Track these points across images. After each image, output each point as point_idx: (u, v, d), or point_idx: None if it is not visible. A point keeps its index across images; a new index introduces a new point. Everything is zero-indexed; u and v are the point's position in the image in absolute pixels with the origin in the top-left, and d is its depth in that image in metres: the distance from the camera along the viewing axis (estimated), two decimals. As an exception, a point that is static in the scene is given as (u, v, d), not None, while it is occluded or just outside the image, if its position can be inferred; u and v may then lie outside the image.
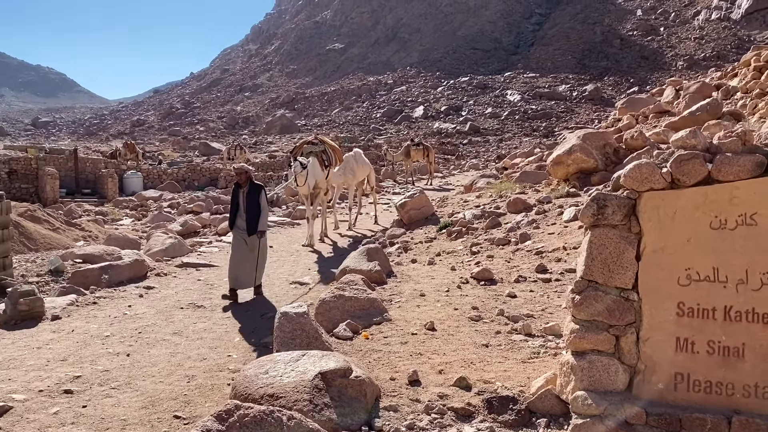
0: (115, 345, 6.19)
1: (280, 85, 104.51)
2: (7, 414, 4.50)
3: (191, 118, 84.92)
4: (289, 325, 4.69)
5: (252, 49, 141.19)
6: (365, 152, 43.67)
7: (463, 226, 10.17)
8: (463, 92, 73.94)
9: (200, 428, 2.76)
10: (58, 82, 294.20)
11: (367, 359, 4.70)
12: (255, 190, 8.16)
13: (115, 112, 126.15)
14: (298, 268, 10.12)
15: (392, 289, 7.02)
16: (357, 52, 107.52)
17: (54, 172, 23.05)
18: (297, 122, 70.24)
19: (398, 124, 64.69)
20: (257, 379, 3.65)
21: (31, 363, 5.69)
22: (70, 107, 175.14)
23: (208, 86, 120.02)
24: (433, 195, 16.18)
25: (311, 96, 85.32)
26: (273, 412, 2.86)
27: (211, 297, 8.21)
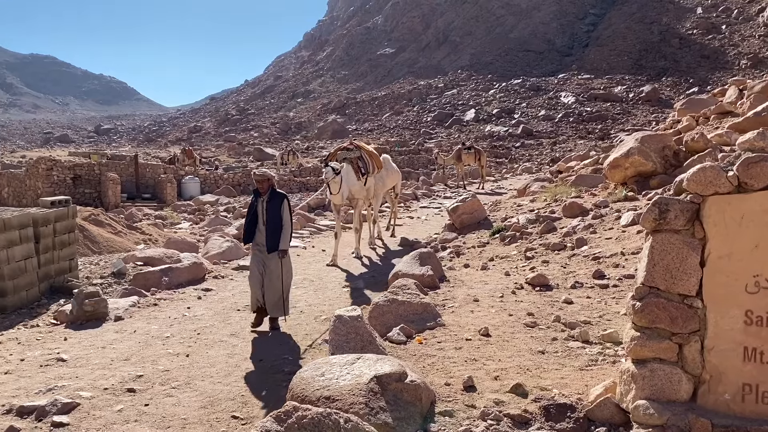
0: (175, 345, 6.37)
1: (331, 91, 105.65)
2: (75, 410, 4.69)
3: (246, 124, 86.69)
4: (344, 328, 4.73)
5: (304, 56, 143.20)
6: (415, 156, 43.80)
7: (517, 231, 10.05)
8: (516, 95, 73.12)
9: (259, 428, 2.82)
10: (119, 91, 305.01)
11: (422, 364, 4.70)
12: (277, 199, 6.94)
13: (173, 119, 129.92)
14: (350, 271, 10.19)
15: (445, 294, 6.99)
16: (407, 57, 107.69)
17: (116, 177, 23.89)
18: (348, 127, 70.81)
19: (449, 128, 64.47)
20: (313, 381, 3.69)
21: (96, 362, 5.92)
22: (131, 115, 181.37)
23: (261, 93, 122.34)
24: (486, 199, 16.04)
25: (362, 101, 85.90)
26: (330, 415, 2.89)
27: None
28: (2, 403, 4.85)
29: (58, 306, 8.26)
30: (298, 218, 16.22)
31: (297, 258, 11.65)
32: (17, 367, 5.85)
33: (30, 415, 4.60)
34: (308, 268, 10.62)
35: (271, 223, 6.84)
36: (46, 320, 7.73)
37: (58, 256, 9.39)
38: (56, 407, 4.67)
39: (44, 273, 9.08)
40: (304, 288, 8.98)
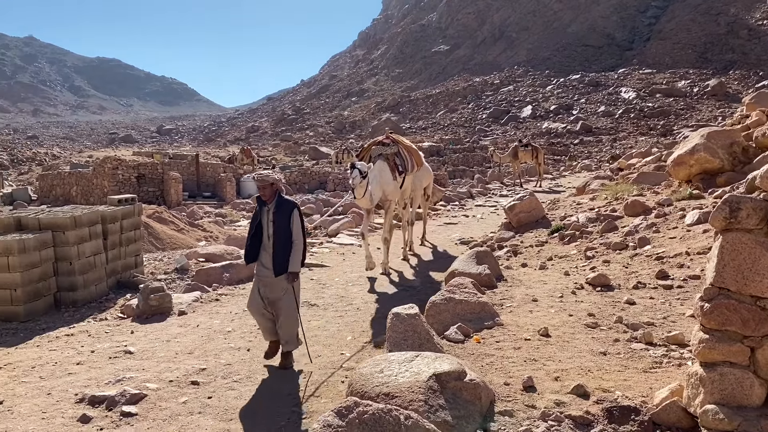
0: (236, 340, 6.53)
1: (385, 89, 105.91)
2: (143, 401, 4.87)
3: (301, 124, 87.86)
4: (401, 326, 4.74)
5: (359, 55, 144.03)
6: (470, 154, 43.44)
7: (577, 230, 9.84)
8: (574, 90, 71.59)
9: (321, 423, 2.86)
10: (180, 92, 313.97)
11: (480, 363, 4.67)
12: (285, 209, 5.64)
13: (232, 119, 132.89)
14: (404, 269, 10.21)
15: (503, 294, 6.92)
16: (463, 53, 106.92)
17: (177, 176, 24.63)
18: (402, 125, 70.83)
19: (505, 125, 63.67)
20: (372, 377, 3.72)
21: (161, 355, 6.13)
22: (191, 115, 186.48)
23: (317, 92, 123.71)
24: (543, 197, 15.78)
25: (416, 99, 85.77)
26: (391, 411, 2.91)
27: (323, 296, 8.46)
28: (75, 392, 5.09)
29: (125, 300, 8.59)
30: (353, 216, 16.35)
31: (352, 256, 11.78)
32: (88, 358, 6.11)
33: (101, 404, 4.81)
34: (364, 264, 10.68)
35: (279, 239, 5.59)
36: (114, 314, 8.05)
37: (125, 252, 9.76)
38: (125, 398, 4.86)
39: (112, 268, 9.46)
40: (360, 285, 9.05)
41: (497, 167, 33.17)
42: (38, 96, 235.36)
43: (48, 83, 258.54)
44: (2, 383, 5.44)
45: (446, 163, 40.52)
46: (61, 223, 8.46)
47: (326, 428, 2.83)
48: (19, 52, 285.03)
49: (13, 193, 30.35)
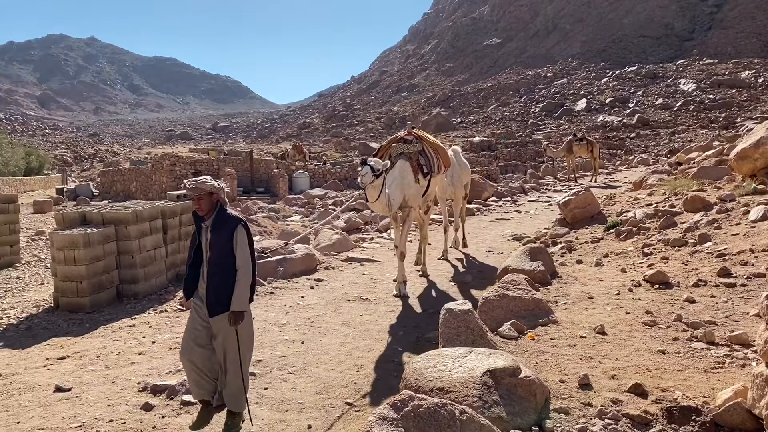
0: (290, 332, 6.65)
1: (436, 84, 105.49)
2: (202, 391, 5.01)
3: (352, 120, 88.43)
4: (454, 322, 4.74)
5: (409, 50, 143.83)
6: (523, 149, 42.86)
7: (634, 226, 9.61)
8: (630, 83, 69.73)
9: (377, 416, 2.90)
10: (234, 90, 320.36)
11: (534, 360, 4.63)
12: (226, 226, 4.27)
13: (284, 116, 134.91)
14: (456, 265, 10.18)
15: (557, 291, 6.83)
16: (515, 46, 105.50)
17: (233, 172, 25.16)
18: (452, 120, 70.44)
19: (558, 119, 62.54)
20: (426, 372, 3.74)
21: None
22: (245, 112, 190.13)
23: (367, 88, 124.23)
24: (599, 192, 15.45)
25: (467, 93, 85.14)
26: (446, 405, 2.92)
27: (375, 291, 8.52)
28: (138, 381, 5.28)
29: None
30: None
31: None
32: (150, 348, 6.33)
33: (162, 393, 4.98)
34: (414, 260, 10.70)
35: (216, 267, 4.22)
36: (173, 306, 8.30)
37: (183, 246, 10.05)
38: (185, 387, 5.00)
39: (171, 262, 9.76)
40: (412, 281, 9.07)
41: (551, 162, 32.64)
42: (99, 95, 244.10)
43: (108, 82, 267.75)
44: (70, 371, 5.69)
45: (498, 157, 40.11)
46: (123, 217, 8.77)
47: (382, 421, 2.86)
48: (81, 53, 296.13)
49: (77, 189, 31.62)
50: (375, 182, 7.28)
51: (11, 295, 9.48)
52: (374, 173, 7.23)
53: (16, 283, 10.36)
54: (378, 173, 7.26)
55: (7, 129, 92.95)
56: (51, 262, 8.87)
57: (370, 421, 2.90)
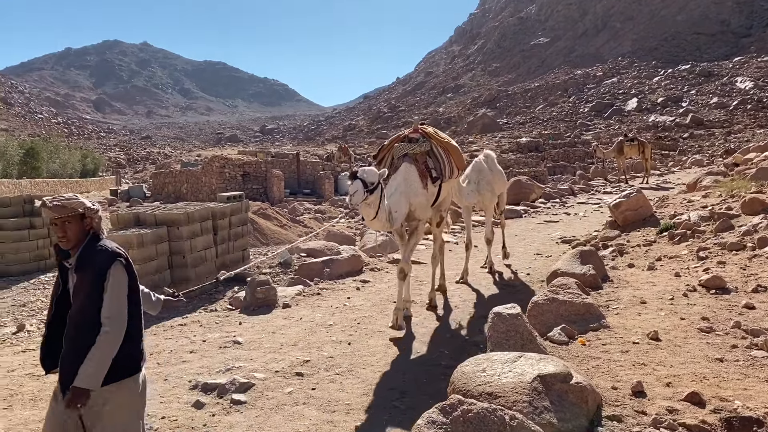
0: (337, 333, 6.69)
1: (482, 84, 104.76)
2: (251, 390, 5.08)
3: (396, 121, 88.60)
4: (503, 326, 4.68)
5: (455, 50, 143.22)
6: (571, 149, 42.08)
7: (688, 229, 9.32)
8: (684, 81, 67.78)
9: (425, 419, 2.88)
10: (281, 93, 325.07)
11: (585, 366, 4.53)
12: (92, 264, 3.00)
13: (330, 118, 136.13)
14: (502, 269, 10.05)
15: (608, 295, 6.67)
16: (563, 46, 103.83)
17: (280, 174, 25.51)
18: (498, 121, 69.79)
19: (608, 119, 61.27)
20: (475, 376, 3.70)
21: (267, 346, 6.37)
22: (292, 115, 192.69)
23: (412, 90, 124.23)
24: (651, 194, 15.05)
25: (514, 93, 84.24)
26: (496, 411, 2.88)
27: (421, 293, 8.48)
28: (189, 379, 5.39)
29: (233, 293, 8.99)
30: (449, 213, 16.28)
31: (449, 254, 11.71)
32: (200, 347, 6.46)
33: (213, 391, 5.07)
34: (461, 264, 10.62)
35: (77, 323, 2.99)
36: (223, 305, 8.45)
37: (233, 246, 10.24)
38: (234, 386, 5.09)
39: (221, 262, 9.94)
40: (458, 284, 9.01)
41: (600, 163, 31.95)
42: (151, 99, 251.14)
43: (160, 86, 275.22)
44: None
45: (545, 158, 39.54)
46: (175, 218, 8.99)
47: (430, 424, 2.84)
48: (134, 58, 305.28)
49: (130, 190, 32.56)
50: (369, 199, 5.87)
51: (69, 293, 9.79)
52: (367, 189, 5.81)
53: (74, 282, 10.70)
54: (372, 187, 5.86)
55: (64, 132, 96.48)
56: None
57: (419, 424, 2.89)
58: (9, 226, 11.63)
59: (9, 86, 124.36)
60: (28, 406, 4.98)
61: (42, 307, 8.94)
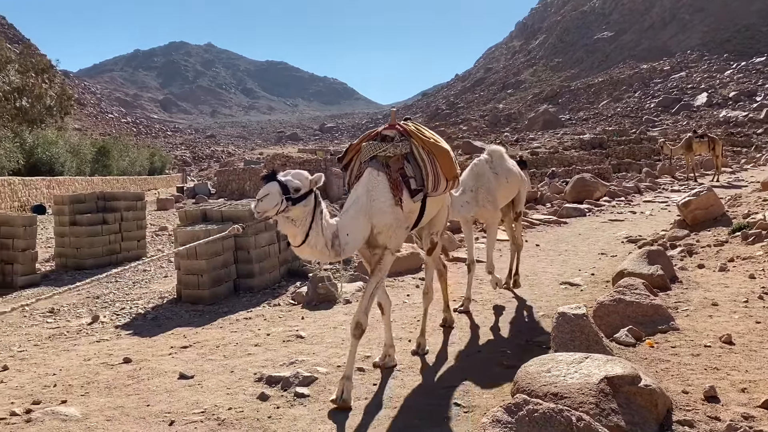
0: (397, 330, 6.70)
1: (543, 80, 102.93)
2: (314, 384, 5.17)
3: (455, 118, 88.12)
4: (567, 326, 4.60)
5: (516, 46, 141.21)
6: (636, 146, 40.84)
7: (763, 229, 8.91)
8: (758, 75, 64.80)
9: (490, 418, 2.87)
10: (340, 91, 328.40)
11: (654, 369, 4.41)
12: None
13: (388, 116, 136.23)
14: (567, 269, 9.87)
15: (677, 296, 6.46)
16: (628, 39, 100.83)
17: (339, 172, 25.78)
18: (561, 117, 68.41)
19: (675, 114, 59.20)
20: (539, 376, 3.66)
21: (329, 341, 6.46)
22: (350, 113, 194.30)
23: (471, 86, 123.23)
24: (722, 193, 14.46)
25: (576, 89, 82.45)
26: (562, 411, 2.84)
27: (481, 292, 8.43)
28: (254, 372, 5.52)
29: (295, 288, 9.17)
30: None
31: (509, 252, 11.59)
32: (264, 340, 6.61)
33: (277, 384, 5.17)
34: (522, 262, 10.47)
35: None
36: (286, 300, 8.62)
37: (295, 242, 10.41)
38: (298, 379, 5.19)
39: (283, 258, 10.13)
40: (522, 281, 8.90)
41: (668, 160, 30.89)
42: (215, 98, 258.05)
43: (224, 86, 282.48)
44: (192, 359, 6.05)
45: (610, 156, 38.53)
46: (240, 215, 9.22)
47: (495, 423, 2.83)
48: (199, 59, 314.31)
49: (195, 188, 33.59)
50: (293, 212, 4.26)
51: (139, 287, 10.20)
52: (288, 196, 4.20)
53: (143, 276, 11.14)
54: (297, 196, 4.24)
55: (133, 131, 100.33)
56: (174, 256, 9.47)
57: (483, 423, 2.88)
58: (83, 221, 12.18)
59: (82, 87, 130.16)
60: (104, 393, 5.20)
61: (114, 299, 9.34)
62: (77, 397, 5.11)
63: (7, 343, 7.18)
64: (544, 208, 19.37)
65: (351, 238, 4.72)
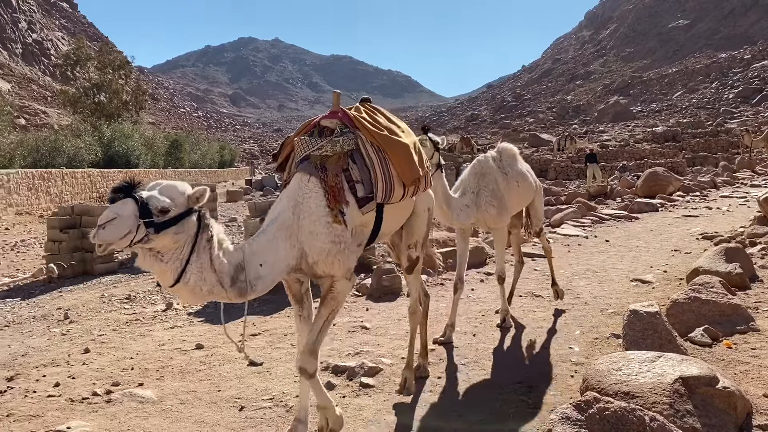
0: (461, 324, 6.68)
1: (614, 71, 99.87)
2: (378, 375, 5.22)
3: (521, 110, 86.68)
4: (639, 324, 4.48)
5: (585, 36, 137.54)
6: (713, 139, 39.10)
7: None
8: None
9: (559, 414, 2.82)
10: (404, 84, 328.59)
11: (732, 370, 4.23)
12: None
13: (452, 108, 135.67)
14: (638, 265, 9.57)
15: (758, 296, 6.16)
16: (705, 27, 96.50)
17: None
18: (632, 108, 66.24)
19: (756, 105, 56.30)
20: (610, 374, 3.57)
21: (393, 332, 6.50)
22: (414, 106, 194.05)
23: (538, 77, 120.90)
24: (807, 188, 13.68)
25: (649, 79, 79.61)
26: (635, 410, 2.77)
27: (548, 288, 8.27)
28: (321, 361, 5.58)
29: (359, 280, 9.25)
30: (579, 206, 15.76)
31: (578, 248, 11.36)
32: (331, 330, 6.70)
33: (342, 374, 5.25)
34: (591, 258, 10.27)
35: None
36: (351, 292, 8.72)
37: (360, 235, 10.50)
38: (363, 370, 5.25)
39: (348, 250, 10.24)
40: (588, 279, 8.70)
41: (747, 153, 29.43)
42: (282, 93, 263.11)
43: (290, 81, 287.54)
44: (261, 347, 6.21)
45: (684, 149, 37.05)
46: (307, 207, 9.37)
47: (565, 420, 2.79)
48: (267, 54, 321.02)
49: (263, 180, 34.39)
50: (157, 241, 3.07)
51: (210, 275, 10.52)
52: (148, 220, 3.00)
53: (215, 265, 11.48)
54: (164, 219, 3.06)
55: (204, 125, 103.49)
56: (244, 247, 9.72)
57: (552, 419, 2.84)
58: (158, 212, 12.66)
59: (156, 83, 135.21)
60: (177, 378, 5.42)
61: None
62: (153, 381, 5.34)
63: (89, 327, 7.58)
64: (614, 202, 18.88)
65: (267, 270, 3.50)
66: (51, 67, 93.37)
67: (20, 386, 5.25)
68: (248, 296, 3.46)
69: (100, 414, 4.61)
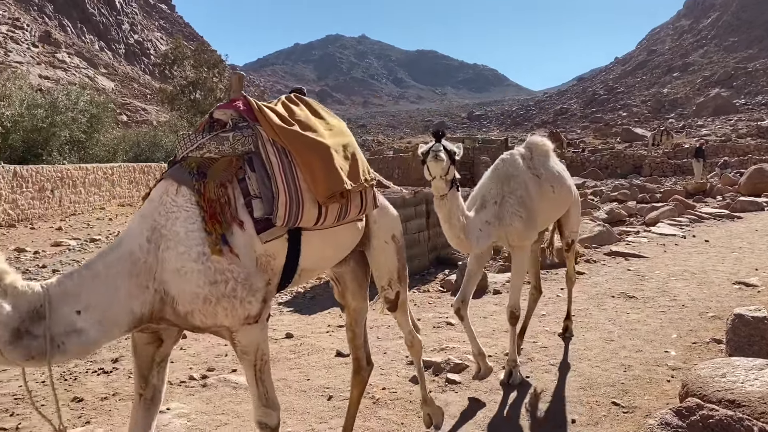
0: (551, 324, 6.54)
1: (715, 62, 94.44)
2: (464, 371, 5.20)
3: (613, 104, 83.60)
4: (745, 329, 4.23)
5: (684, 25, 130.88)
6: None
7: None
8: None
9: (659, 420, 2.71)
10: (490, 78, 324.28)
11: None
12: None
13: (540, 102, 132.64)
14: (741, 267, 9.02)
15: None
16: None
17: (488, 160, 25.47)
18: (735, 102, 62.41)
19: None
20: (713, 381, 3.39)
21: (479, 330, 6.41)
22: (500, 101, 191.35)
23: (632, 70, 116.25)
24: None
25: (754, 71, 74.75)
26: (742, 420, 2.61)
27: (643, 289, 7.95)
28: (406, 354, 5.62)
29: (444, 275, 9.23)
30: (675, 204, 15.06)
31: (675, 248, 10.86)
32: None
33: (428, 369, 5.25)
34: (689, 259, 9.78)
35: None
36: (435, 287, 8.71)
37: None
38: (449, 366, 5.24)
39: (432, 245, 10.24)
40: (686, 280, 8.29)
41: None
42: (367, 89, 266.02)
43: (375, 77, 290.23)
44: (350, 339, 6.30)
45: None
46: (392, 201, 9.42)
47: (664, 426, 2.67)
48: (353, 51, 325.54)
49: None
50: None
51: (298, 267, 10.81)
52: None
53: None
54: None
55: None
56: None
57: (650, 424, 2.73)
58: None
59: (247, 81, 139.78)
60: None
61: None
62: (245, 367, 5.54)
63: (186, 313, 7.95)
64: (714, 201, 17.93)
65: (91, 320, 2.30)
66: (150, 66, 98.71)
67: (124, 368, 5.58)
68: (51, 360, 2.19)
69: (197, 397, 4.83)
